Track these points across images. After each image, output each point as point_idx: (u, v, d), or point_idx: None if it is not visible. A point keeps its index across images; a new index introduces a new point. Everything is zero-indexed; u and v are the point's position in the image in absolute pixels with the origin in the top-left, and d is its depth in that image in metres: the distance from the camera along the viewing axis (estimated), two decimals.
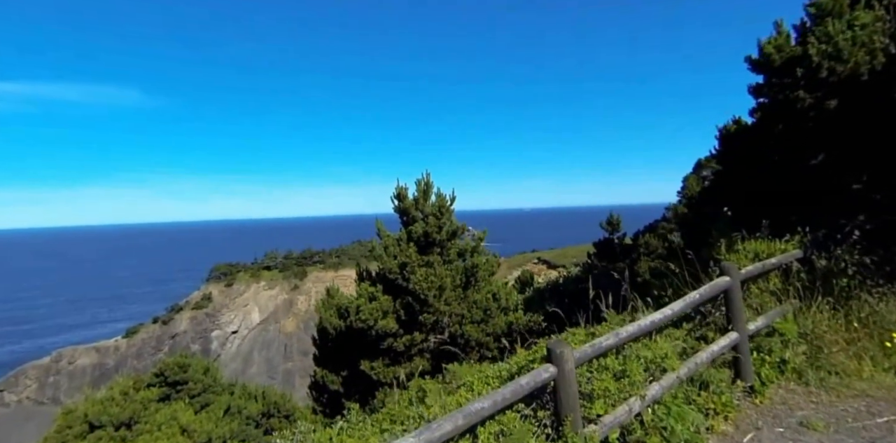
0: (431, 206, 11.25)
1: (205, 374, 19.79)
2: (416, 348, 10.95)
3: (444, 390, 8.29)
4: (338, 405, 12.00)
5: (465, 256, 11.25)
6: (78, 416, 14.00)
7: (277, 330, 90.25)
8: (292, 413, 23.13)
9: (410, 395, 9.21)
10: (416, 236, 10.91)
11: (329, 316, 11.79)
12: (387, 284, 10.87)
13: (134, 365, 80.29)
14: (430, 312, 10.41)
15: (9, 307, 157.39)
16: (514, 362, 5.35)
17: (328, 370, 11.87)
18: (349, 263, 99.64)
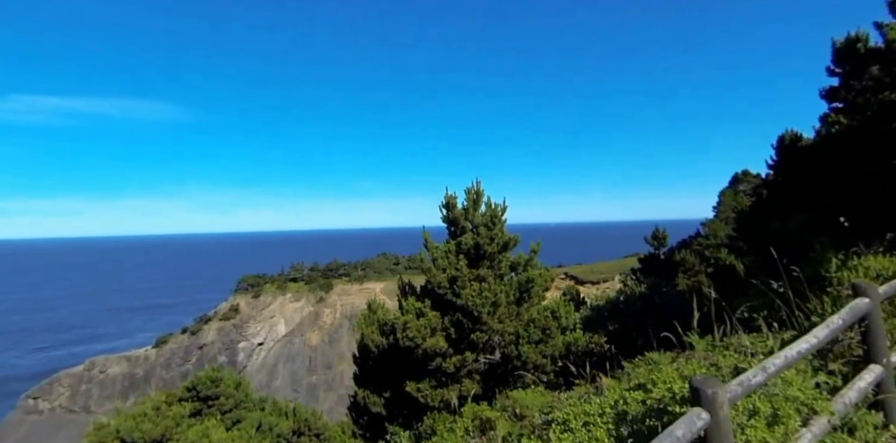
0: (482, 216, 10.54)
1: (236, 388, 19.26)
2: (465, 369, 10.17)
3: (511, 420, 7.49)
4: (380, 428, 11.26)
5: (518, 269, 10.48)
6: (110, 431, 13.54)
7: (303, 343, 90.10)
8: (323, 432, 22.43)
9: (466, 423, 8.42)
10: (466, 248, 10.20)
11: (371, 332, 11.11)
12: (435, 299, 10.15)
13: (162, 375, 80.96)
14: (482, 331, 9.64)
15: (47, 316, 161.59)
16: (615, 396, 4.54)
17: (370, 391, 11.14)
18: (374, 276, 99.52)
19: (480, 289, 9.37)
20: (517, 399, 7.51)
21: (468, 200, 10.54)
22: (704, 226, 34.67)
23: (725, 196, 62.15)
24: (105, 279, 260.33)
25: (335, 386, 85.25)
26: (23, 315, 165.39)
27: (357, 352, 11.52)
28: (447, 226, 10.90)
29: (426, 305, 9.92)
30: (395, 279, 79.75)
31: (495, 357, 10.85)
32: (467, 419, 8.43)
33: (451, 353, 9.92)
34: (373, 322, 11.25)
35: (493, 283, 9.56)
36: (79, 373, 75.36)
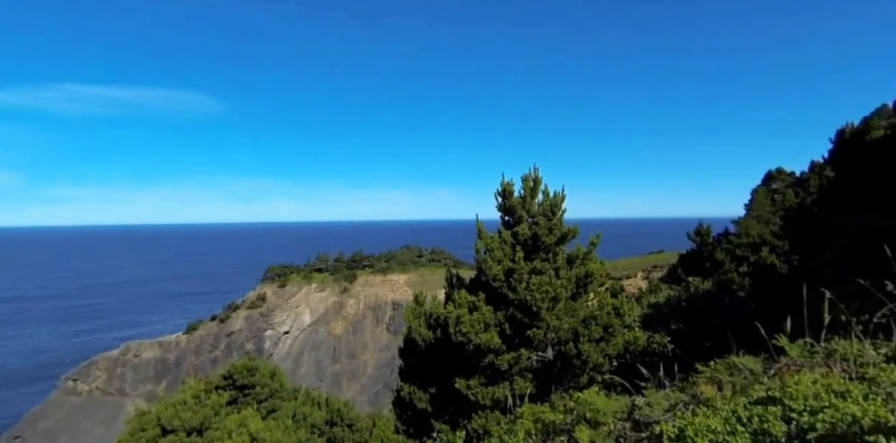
0: (539, 205, 9.96)
1: (271, 378, 19.15)
2: (517, 366, 9.65)
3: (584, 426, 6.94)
4: (424, 425, 10.85)
5: (575, 262, 9.88)
6: (150, 418, 13.48)
7: (327, 332, 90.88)
8: (355, 423, 22.26)
9: (527, 426, 7.90)
10: (523, 239, 9.64)
11: (418, 326, 10.66)
12: (488, 292, 9.63)
13: (192, 361, 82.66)
14: (539, 327, 9.10)
15: (85, 302, 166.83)
16: (735, 409, 3.96)
17: (416, 386, 10.72)
18: (397, 268, 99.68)
19: (540, 283, 8.81)
20: (589, 402, 6.96)
21: (525, 188, 9.96)
22: (736, 224, 33.42)
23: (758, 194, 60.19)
24: (138, 267, 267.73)
25: (359, 375, 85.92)
26: (63, 301, 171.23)
27: (402, 345, 11.09)
28: (502, 215, 10.34)
29: (480, 298, 9.41)
30: (417, 271, 79.75)
31: (547, 355, 10.31)
32: (527, 421, 7.92)
33: (505, 349, 9.41)
34: (419, 315, 10.80)
35: (552, 277, 8.99)
36: (114, 357, 77.41)
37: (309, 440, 18.71)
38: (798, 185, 41.65)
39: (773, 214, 37.20)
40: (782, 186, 59.35)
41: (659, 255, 74.22)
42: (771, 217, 37.11)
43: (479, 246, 9.74)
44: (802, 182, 40.41)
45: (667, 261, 61.17)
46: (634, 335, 9.48)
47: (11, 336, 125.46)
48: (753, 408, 3.83)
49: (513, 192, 10.06)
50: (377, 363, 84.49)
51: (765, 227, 28.65)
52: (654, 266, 62.14)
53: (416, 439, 11.20)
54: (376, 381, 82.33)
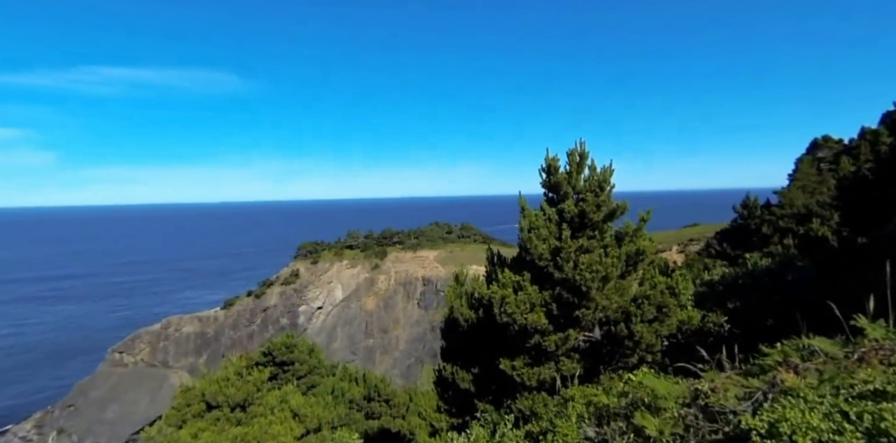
0: (586, 181, 9.48)
1: (309, 354, 19.38)
2: (564, 347, 9.36)
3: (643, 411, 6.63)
4: (467, 405, 10.74)
5: (624, 240, 9.43)
6: (196, 394, 13.79)
7: (359, 308, 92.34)
8: (392, 398, 22.52)
9: (579, 409, 7.63)
10: (569, 216, 9.22)
11: (459, 306, 10.43)
12: (533, 271, 9.30)
13: (230, 335, 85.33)
14: (588, 307, 8.75)
15: (126, 279, 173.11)
16: (836, 399, 3.57)
17: (458, 366, 10.56)
18: (427, 245, 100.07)
19: (589, 262, 8.43)
20: (646, 385, 6.64)
21: (571, 163, 9.47)
22: (779, 194, 32.02)
23: (803, 163, 57.62)
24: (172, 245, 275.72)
25: (391, 350, 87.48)
26: (102, 279, 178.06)
27: (443, 325, 10.91)
28: (546, 191, 9.90)
29: (525, 278, 9.08)
30: (447, 248, 79.63)
31: (595, 335, 9.98)
32: (579, 404, 7.66)
33: (552, 330, 9.11)
34: (461, 295, 10.56)
35: (602, 255, 8.58)
36: (157, 331, 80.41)
37: (348, 416, 19.00)
38: (847, 153, 39.65)
39: (819, 184, 35.60)
40: (829, 155, 56.70)
41: (694, 228, 72.42)
42: (817, 187, 35.53)
43: (522, 224, 9.36)
44: (852, 150, 38.43)
45: (703, 234, 59.68)
46: (688, 315, 9.06)
47: (57, 312, 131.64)
48: (861, 403, 3.44)
49: (558, 167, 9.59)
50: (409, 338, 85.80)
51: (810, 197, 27.38)
52: (690, 239, 60.70)
53: (459, 419, 11.12)
54: (408, 355, 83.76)
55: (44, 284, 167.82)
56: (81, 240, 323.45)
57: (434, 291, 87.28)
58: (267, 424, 13.51)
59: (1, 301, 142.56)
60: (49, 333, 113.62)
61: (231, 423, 13.32)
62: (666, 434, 5.64)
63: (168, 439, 12.13)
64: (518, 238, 9.87)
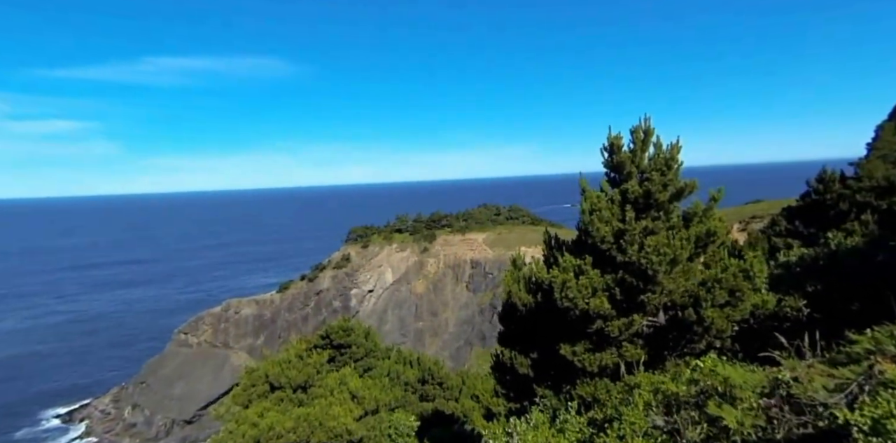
0: (651, 159, 9.00)
1: (366, 338, 19.69)
2: (627, 332, 9.03)
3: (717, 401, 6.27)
4: (525, 390, 10.61)
5: (692, 220, 8.93)
6: (259, 375, 14.27)
7: (409, 291, 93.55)
8: (446, 381, 22.69)
9: (647, 398, 7.33)
10: (633, 197, 8.79)
11: (518, 290, 10.23)
12: (595, 255, 8.96)
13: (286, 317, 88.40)
14: (654, 292, 8.37)
15: (186, 264, 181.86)
16: None
17: (516, 351, 10.41)
18: (476, 227, 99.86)
19: (656, 244, 8.02)
20: (718, 373, 6.27)
21: (635, 141, 9.00)
22: (856, 166, 29.74)
23: (885, 130, 53.15)
24: (229, 231, 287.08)
25: (440, 332, 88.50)
26: (169, 263, 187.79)
27: (501, 310, 10.76)
28: (608, 171, 9.48)
29: (587, 262, 8.76)
30: (496, 230, 79.14)
31: (659, 320, 9.59)
32: (645, 392, 7.37)
33: (615, 315, 8.79)
34: (518, 279, 10.35)
35: (670, 237, 8.15)
36: (218, 313, 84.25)
37: (404, 398, 19.27)
38: None
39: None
40: None
41: (757, 204, 68.94)
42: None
43: (583, 206, 9.00)
44: None
45: (766, 211, 56.81)
46: (763, 298, 8.53)
47: (127, 295, 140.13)
48: None
49: (621, 146, 9.13)
50: (458, 321, 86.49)
51: (893, 167, 25.32)
52: (753, 217, 57.91)
53: (517, 404, 11.02)
54: (457, 337, 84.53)
55: (114, 268, 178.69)
56: (146, 226, 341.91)
57: (483, 273, 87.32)
58: (327, 405, 13.84)
59: (78, 285, 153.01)
60: (122, 314, 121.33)
61: (293, 403, 13.74)
62: (747, 426, 5.26)
63: (236, 417, 12.63)
64: (578, 220, 9.53)
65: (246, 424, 12.36)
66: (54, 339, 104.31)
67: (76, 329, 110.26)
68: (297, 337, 17.73)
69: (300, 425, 12.76)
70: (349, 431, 13.47)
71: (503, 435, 7.16)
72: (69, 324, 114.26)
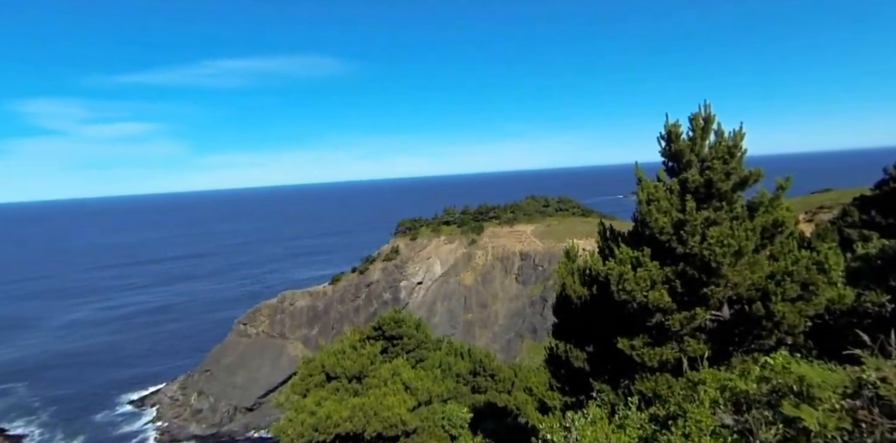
0: (711, 147, 8.60)
1: (417, 329, 19.90)
2: (689, 326, 8.72)
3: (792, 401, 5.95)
4: (581, 384, 10.45)
5: (758, 210, 8.49)
6: (316, 365, 14.69)
7: (457, 283, 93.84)
8: (497, 373, 22.67)
9: (713, 395, 7.06)
10: (693, 186, 8.44)
11: (572, 283, 10.05)
12: (653, 246, 8.68)
13: (338, 309, 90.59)
14: (718, 284, 8.03)
15: (242, 258, 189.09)
16: None
17: (571, 344, 10.25)
18: (524, 219, 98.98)
19: (719, 235, 7.67)
20: (795, 372, 5.94)
21: (695, 129, 8.62)
22: None
23: None
24: (283, 225, 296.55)
25: (490, 324, 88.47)
26: (226, 257, 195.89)
27: (555, 302, 10.61)
28: (665, 160, 9.14)
29: (645, 253, 8.50)
30: (544, 221, 78.03)
31: (723, 314, 9.20)
32: (711, 389, 7.09)
33: (675, 308, 8.50)
34: (572, 271, 10.16)
35: (735, 228, 7.78)
36: (274, 304, 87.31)
37: (456, 389, 19.38)
38: None
39: None
40: None
41: (825, 194, 65.11)
42: None
43: (640, 196, 8.71)
44: None
45: (836, 200, 53.63)
46: (839, 293, 8.03)
47: (189, 288, 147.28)
48: None
49: (679, 134, 8.77)
50: (507, 313, 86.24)
51: None
52: (820, 207, 54.82)
53: (572, 398, 10.88)
54: (507, 330, 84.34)
55: (177, 262, 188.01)
56: (206, 222, 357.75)
57: (532, 265, 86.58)
58: (381, 395, 14.09)
59: (145, 279, 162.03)
60: (187, 305, 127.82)
61: (349, 393, 14.07)
62: (830, 429, 4.95)
63: (295, 405, 13.07)
64: (633, 211, 9.25)
65: (304, 412, 12.77)
66: (126, 329, 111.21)
67: (145, 320, 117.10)
68: (350, 328, 18.12)
69: (356, 415, 13.06)
70: (403, 421, 13.68)
71: (560, 429, 7.08)
72: (139, 315, 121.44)
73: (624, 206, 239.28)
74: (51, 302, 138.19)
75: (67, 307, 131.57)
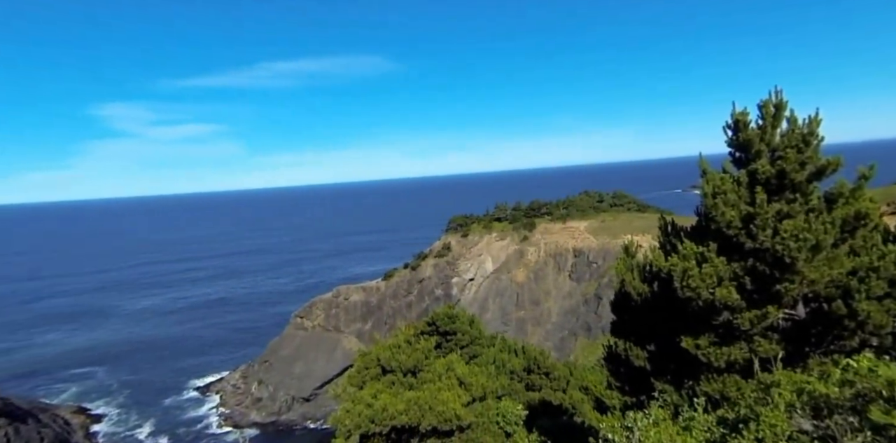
0: (783, 135, 8.10)
1: (470, 325, 19.86)
2: (760, 325, 8.27)
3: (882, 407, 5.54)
4: (641, 383, 10.13)
5: (837, 202, 7.93)
6: (372, 359, 14.93)
7: (509, 279, 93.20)
8: (552, 371, 22.33)
9: (789, 398, 6.67)
10: (763, 178, 7.98)
11: (631, 279, 9.74)
12: (719, 241, 8.28)
13: (391, 304, 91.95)
14: (792, 281, 7.57)
15: (298, 255, 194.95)
16: None
17: (631, 342, 9.95)
18: (577, 215, 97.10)
19: (794, 228, 7.22)
20: (888, 376, 5.51)
21: (765, 116, 8.14)
22: None
23: None
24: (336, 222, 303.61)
25: (542, 322, 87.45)
26: (284, 253, 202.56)
27: (614, 299, 10.32)
28: (732, 151, 8.69)
29: (710, 249, 8.11)
30: (598, 217, 76.16)
31: (797, 313, 8.68)
32: (786, 391, 6.69)
33: (745, 306, 8.08)
34: (632, 267, 9.84)
35: (811, 221, 7.30)
36: (329, 299, 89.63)
37: (510, 386, 19.24)
38: None
39: None
40: None
41: None
42: None
43: (705, 189, 8.32)
44: None
45: None
46: None
47: (249, 281, 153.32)
48: None
49: (747, 123, 8.30)
50: (560, 310, 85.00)
51: None
52: None
53: (632, 398, 10.57)
54: (561, 328, 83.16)
55: (236, 258, 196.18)
56: (263, 219, 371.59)
57: (586, 262, 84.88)
58: (436, 390, 14.15)
59: (208, 273, 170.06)
60: (247, 298, 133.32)
61: (404, 387, 14.22)
62: None
63: (352, 397, 13.33)
64: (697, 205, 8.86)
65: (361, 404, 13.00)
66: (192, 319, 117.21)
67: (209, 310, 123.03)
68: (403, 323, 18.31)
69: (411, 408, 13.17)
70: (458, 416, 13.69)
71: (622, 429, 6.87)
72: (203, 306, 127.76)
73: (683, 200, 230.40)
74: (124, 292, 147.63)
75: (139, 298, 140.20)
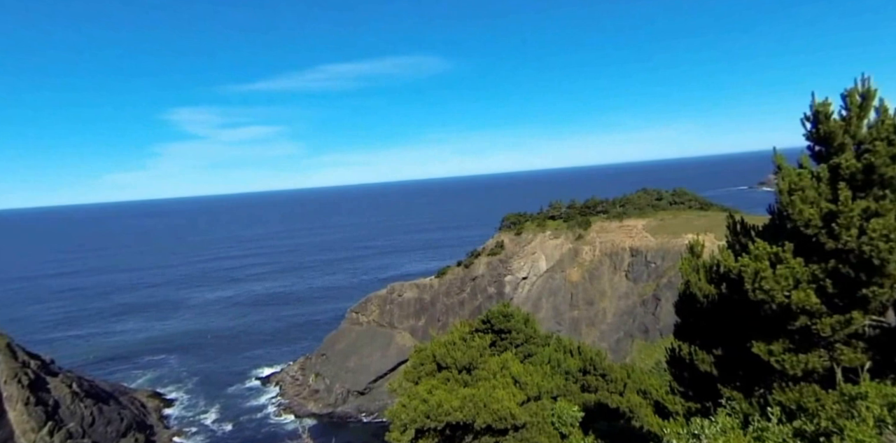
0: (871, 126, 7.51)
1: (525, 324, 19.65)
2: (842, 332, 7.72)
3: None
4: (707, 389, 9.68)
5: None
6: (427, 355, 15.05)
7: (563, 279, 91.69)
8: (609, 373, 21.77)
9: (878, 412, 6.18)
10: (847, 173, 7.42)
11: (697, 280, 9.32)
12: (796, 241, 7.77)
13: (444, 301, 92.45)
14: (882, 285, 7.01)
15: (353, 253, 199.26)
16: None
17: (696, 346, 9.53)
18: (634, 213, 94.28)
19: (884, 228, 6.67)
20: None
21: (850, 107, 7.57)
22: None
23: None
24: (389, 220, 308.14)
25: (597, 322, 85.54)
26: (340, 250, 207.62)
27: (678, 301, 9.91)
28: (811, 144, 8.14)
29: (787, 249, 7.63)
30: (657, 216, 73.70)
31: (888, 319, 8.04)
32: (874, 405, 6.21)
33: (825, 311, 7.55)
34: (697, 268, 9.42)
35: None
36: (383, 295, 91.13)
37: (565, 387, 18.91)
38: None
39: None
40: None
41: None
42: None
43: (781, 185, 7.83)
44: None
45: None
46: None
47: (308, 277, 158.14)
48: None
49: (829, 114, 7.74)
50: (616, 311, 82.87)
51: None
52: None
53: (697, 404, 10.12)
54: (616, 329, 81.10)
55: (295, 254, 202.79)
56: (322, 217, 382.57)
57: (643, 262, 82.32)
58: (491, 388, 14.09)
59: (270, 267, 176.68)
60: (306, 293, 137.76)
61: (459, 384, 14.25)
62: None
63: (408, 392, 13.49)
64: (771, 203, 8.35)
65: (417, 399, 13.13)
66: (254, 312, 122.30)
67: (270, 304, 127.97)
68: (455, 320, 18.33)
69: (466, 405, 13.18)
70: (513, 415, 13.58)
71: (688, 436, 6.58)
72: (265, 299, 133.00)
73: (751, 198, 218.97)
74: (192, 286, 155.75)
75: (206, 291, 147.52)
